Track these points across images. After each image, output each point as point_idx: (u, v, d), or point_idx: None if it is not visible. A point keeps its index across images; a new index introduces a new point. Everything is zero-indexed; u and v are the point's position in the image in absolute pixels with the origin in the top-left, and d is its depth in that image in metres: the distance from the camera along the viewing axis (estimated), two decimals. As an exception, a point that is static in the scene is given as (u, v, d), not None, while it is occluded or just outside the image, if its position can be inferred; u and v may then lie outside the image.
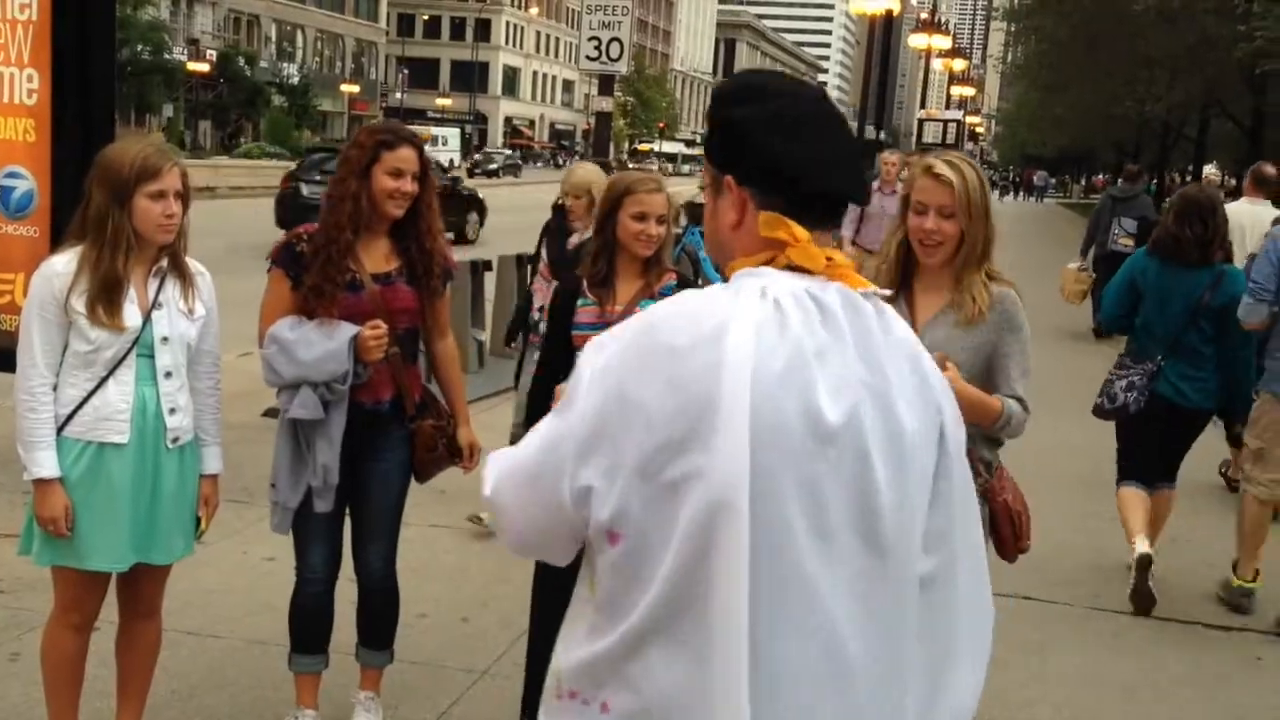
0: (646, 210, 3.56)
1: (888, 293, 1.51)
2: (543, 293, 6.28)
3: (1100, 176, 67.42)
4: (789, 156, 1.50)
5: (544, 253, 6.35)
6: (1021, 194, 70.61)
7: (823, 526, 1.40)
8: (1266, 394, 5.37)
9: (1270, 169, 9.11)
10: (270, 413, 5.92)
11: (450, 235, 21.04)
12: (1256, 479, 5.41)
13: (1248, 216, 8.26)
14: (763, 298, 1.44)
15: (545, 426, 1.52)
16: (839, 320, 1.44)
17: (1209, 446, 6.28)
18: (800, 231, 1.48)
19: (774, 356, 1.39)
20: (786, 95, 1.54)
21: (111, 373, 3.13)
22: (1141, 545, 5.38)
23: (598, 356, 1.48)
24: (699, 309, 1.45)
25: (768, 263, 1.50)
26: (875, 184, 11.32)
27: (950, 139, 36.54)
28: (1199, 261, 5.41)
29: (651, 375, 1.41)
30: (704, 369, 1.39)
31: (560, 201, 6.25)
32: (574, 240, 6.03)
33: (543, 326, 6.03)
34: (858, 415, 1.41)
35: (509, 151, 65.85)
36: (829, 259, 1.49)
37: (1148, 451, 5.62)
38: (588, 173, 6.14)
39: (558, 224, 6.26)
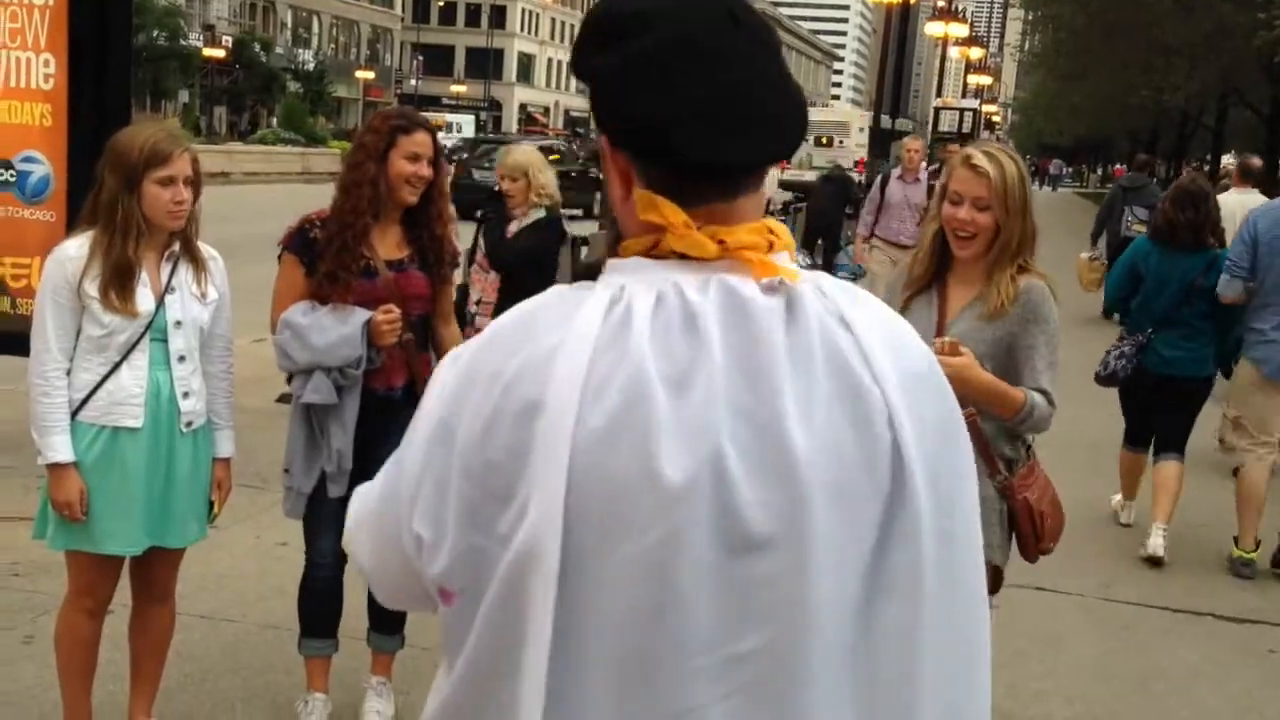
0: None
1: (799, 273, 1.19)
2: (480, 284, 6.05)
3: (1118, 166, 67.20)
4: (650, 113, 1.14)
5: (481, 242, 6.11)
6: (1037, 183, 70.56)
7: (677, 606, 1.11)
8: (1245, 360, 5.85)
9: (1256, 161, 10.08)
10: (284, 398, 5.93)
11: (579, 211, 21.65)
12: (1238, 446, 5.87)
13: (1236, 206, 8.57)
14: (612, 306, 1.15)
15: (394, 457, 1.28)
16: (709, 331, 1.13)
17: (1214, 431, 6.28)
18: (673, 214, 1.16)
19: (605, 395, 1.10)
20: (661, 25, 1.15)
21: (125, 357, 3.13)
22: (1125, 515, 6.29)
23: (445, 372, 1.23)
24: (538, 321, 1.17)
25: (651, 249, 1.19)
26: (896, 172, 10.82)
27: (966, 128, 36.45)
28: (1193, 245, 5.88)
29: (474, 409, 1.15)
30: (523, 408, 1.12)
31: (497, 187, 5.93)
32: (513, 228, 5.77)
33: (480, 319, 5.89)
34: (718, 460, 1.10)
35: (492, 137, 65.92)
36: (721, 241, 1.16)
37: (1144, 417, 6.19)
38: (524, 154, 5.84)
39: (496, 211, 6.01)
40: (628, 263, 1.20)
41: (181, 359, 3.21)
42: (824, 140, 40.87)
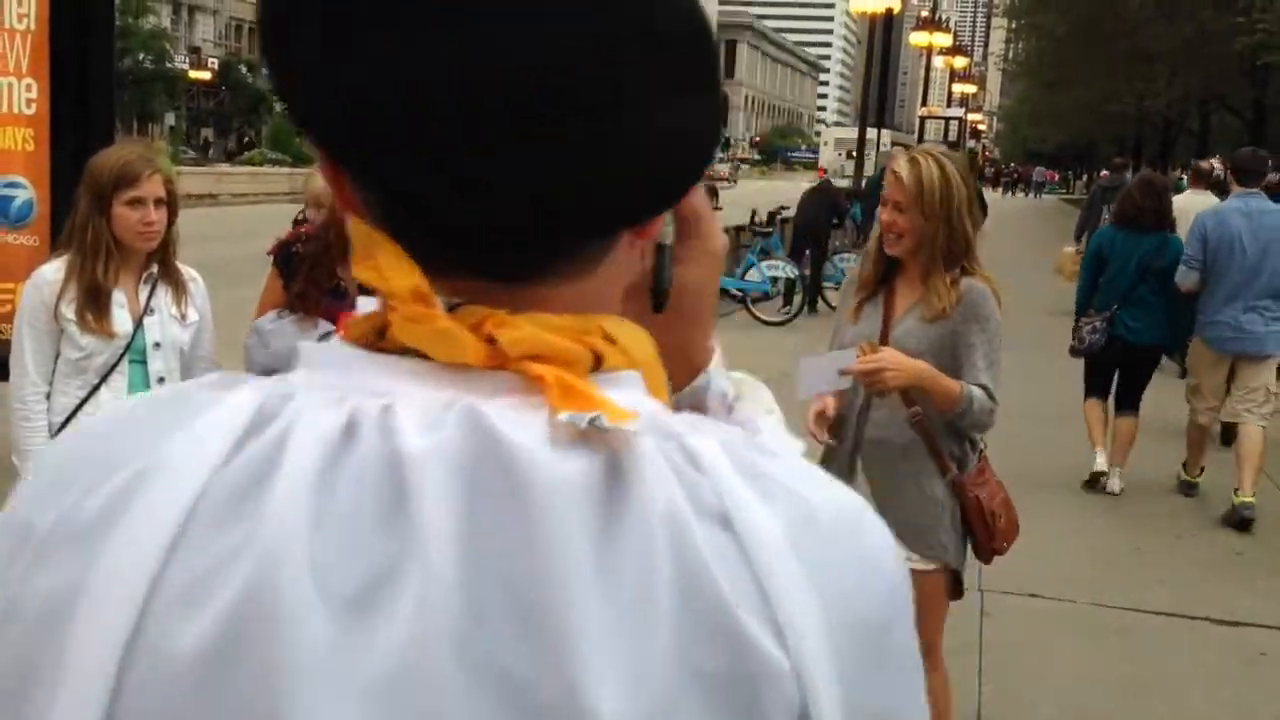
0: None
1: (631, 428, 0.60)
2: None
3: (1103, 171, 67.48)
4: (332, 93, 0.61)
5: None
6: (1020, 190, 70.89)
7: None
8: (1198, 339, 6.89)
9: (1207, 164, 11.14)
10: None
11: None
12: (1197, 408, 6.94)
13: (1189, 206, 9.05)
14: (254, 431, 0.62)
15: None
16: (425, 508, 0.58)
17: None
18: (396, 271, 0.63)
19: (202, 604, 0.58)
20: None
21: (104, 380, 3.13)
22: (1100, 460, 6.89)
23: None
24: (112, 440, 0.65)
25: (377, 338, 0.66)
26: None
27: (952, 136, 36.63)
28: (1153, 227, 6.90)
29: None
30: (51, 601, 0.61)
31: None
32: None
33: None
34: None
35: None
36: (491, 337, 0.62)
37: (1106, 377, 7.11)
38: None
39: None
40: (330, 351, 0.68)
41: (161, 381, 3.20)
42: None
